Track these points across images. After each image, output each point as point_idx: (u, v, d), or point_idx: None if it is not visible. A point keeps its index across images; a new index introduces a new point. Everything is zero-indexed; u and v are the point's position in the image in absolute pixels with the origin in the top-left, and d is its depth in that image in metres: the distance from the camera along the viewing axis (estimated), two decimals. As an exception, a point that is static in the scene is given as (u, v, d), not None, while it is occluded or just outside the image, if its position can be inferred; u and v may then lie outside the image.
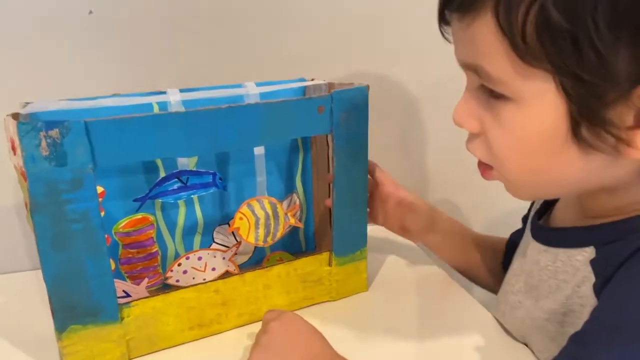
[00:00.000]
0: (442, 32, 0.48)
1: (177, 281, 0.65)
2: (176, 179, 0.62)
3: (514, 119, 0.42)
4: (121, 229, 0.64)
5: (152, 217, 0.65)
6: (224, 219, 0.69)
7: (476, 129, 0.46)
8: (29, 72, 0.72)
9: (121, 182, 0.62)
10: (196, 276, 0.66)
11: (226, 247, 0.68)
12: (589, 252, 0.46)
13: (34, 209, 0.46)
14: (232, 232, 0.71)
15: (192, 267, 0.66)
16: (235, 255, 0.68)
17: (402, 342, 0.57)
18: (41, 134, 0.45)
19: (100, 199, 0.60)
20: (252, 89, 0.63)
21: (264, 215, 0.63)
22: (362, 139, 0.60)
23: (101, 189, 0.62)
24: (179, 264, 0.65)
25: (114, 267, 0.64)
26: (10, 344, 0.58)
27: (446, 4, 0.44)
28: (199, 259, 0.66)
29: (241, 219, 0.63)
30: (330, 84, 0.65)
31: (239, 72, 0.75)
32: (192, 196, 0.63)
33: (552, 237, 0.52)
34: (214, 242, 0.70)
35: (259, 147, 0.64)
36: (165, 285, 0.66)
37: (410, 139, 0.90)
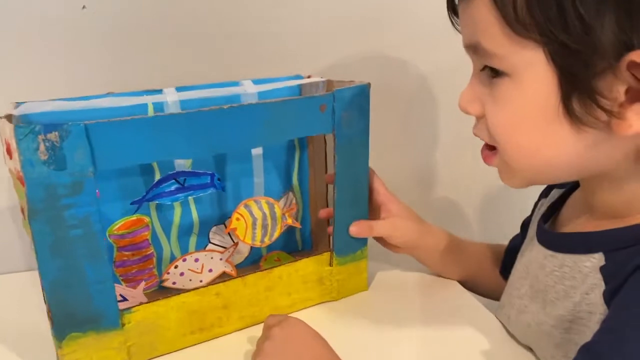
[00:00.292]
0: (452, 22, 0.50)
1: (174, 283, 0.64)
2: (173, 180, 0.61)
3: (509, 93, 0.43)
4: (115, 231, 0.62)
5: (147, 219, 0.64)
6: (220, 219, 0.68)
7: (478, 111, 0.47)
8: (19, 70, 0.69)
9: (115, 184, 0.60)
10: (193, 278, 0.65)
11: (223, 247, 0.67)
12: (598, 259, 0.46)
13: (32, 215, 0.45)
14: (228, 233, 0.70)
15: (189, 269, 0.65)
16: (231, 255, 0.67)
17: (404, 342, 0.57)
18: (40, 137, 0.43)
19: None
20: (249, 87, 0.62)
21: (261, 215, 0.62)
22: (364, 137, 0.59)
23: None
24: (176, 266, 0.64)
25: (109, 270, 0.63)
26: (5, 346, 0.57)
27: None
28: (196, 260, 0.65)
29: (238, 219, 0.62)
30: (328, 82, 0.64)
31: (234, 68, 0.73)
32: (189, 197, 0.62)
33: (558, 242, 0.51)
34: (210, 242, 0.69)
35: (256, 148, 0.63)
36: (161, 287, 0.65)
37: (409, 137, 0.89)
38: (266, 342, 0.50)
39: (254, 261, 0.71)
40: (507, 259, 0.66)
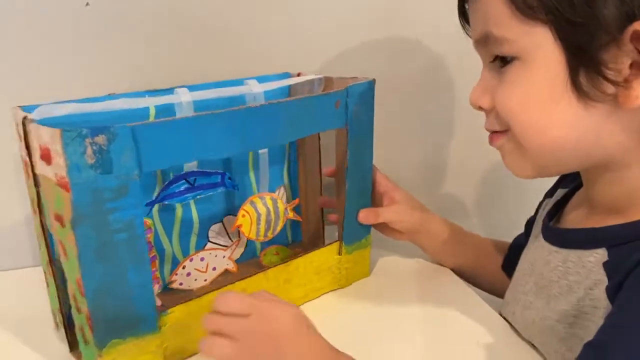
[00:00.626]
0: (462, 26, 0.53)
1: (181, 284, 0.64)
2: (184, 180, 0.60)
3: (519, 75, 0.45)
4: None
5: (149, 221, 0.63)
6: (219, 217, 0.68)
7: (489, 104, 0.49)
8: (21, 69, 0.67)
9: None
10: (198, 277, 0.65)
11: (224, 246, 0.68)
12: (601, 254, 0.47)
13: (77, 221, 0.43)
14: (225, 229, 0.70)
15: (195, 269, 0.64)
16: (233, 252, 0.68)
17: (411, 324, 0.59)
18: (87, 141, 0.42)
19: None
20: (255, 87, 0.63)
21: (265, 211, 0.63)
22: (370, 131, 0.62)
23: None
24: (184, 267, 0.63)
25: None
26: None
27: None
28: (202, 259, 0.65)
29: (244, 216, 0.63)
30: (327, 78, 0.66)
31: (236, 64, 0.73)
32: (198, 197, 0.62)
33: (562, 237, 0.52)
34: (209, 241, 0.69)
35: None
36: (166, 289, 0.64)
37: (407, 132, 0.88)
38: (247, 322, 0.45)
39: (252, 256, 0.72)
40: (510, 254, 0.68)
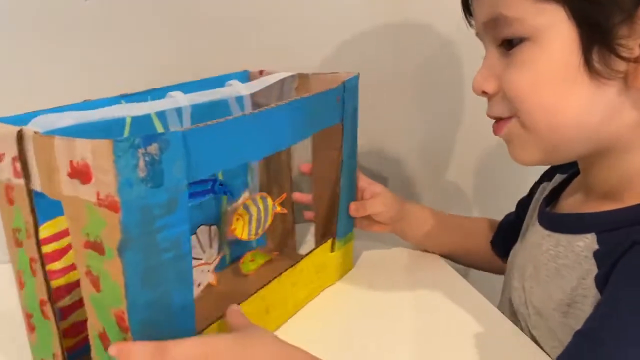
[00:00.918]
0: (464, 13, 0.53)
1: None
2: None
3: (531, 56, 0.45)
4: None
5: None
6: (193, 228, 0.64)
7: (494, 88, 0.49)
8: (17, 69, 0.64)
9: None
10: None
11: (199, 258, 0.64)
12: (590, 239, 0.47)
13: (125, 245, 0.38)
14: (198, 241, 0.65)
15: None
16: (215, 266, 0.64)
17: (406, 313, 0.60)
18: (139, 151, 0.37)
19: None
20: (240, 88, 0.59)
21: (256, 210, 0.61)
22: (356, 124, 0.62)
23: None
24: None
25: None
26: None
27: None
28: (189, 275, 0.60)
29: (237, 219, 0.60)
30: (301, 75, 0.65)
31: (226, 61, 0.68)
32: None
33: (555, 222, 0.53)
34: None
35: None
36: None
37: (407, 124, 0.87)
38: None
39: (227, 265, 0.68)
40: (499, 232, 0.70)
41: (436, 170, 0.90)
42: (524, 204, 0.66)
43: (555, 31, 0.44)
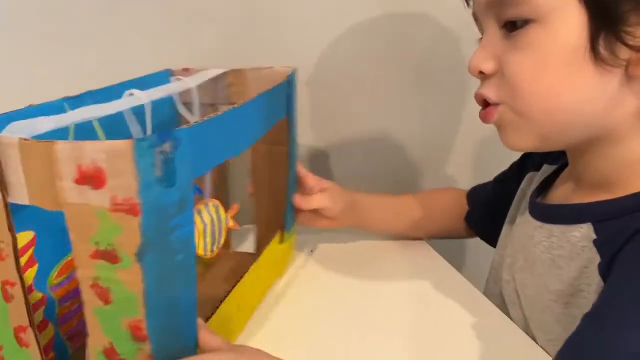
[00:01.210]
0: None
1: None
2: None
3: (539, 39, 0.44)
4: (54, 281, 0.50)
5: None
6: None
7: (493, 68, 0.48)
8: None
9: (51, 219, 0.48)
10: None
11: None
12: (586, 229, 0.47)
13: (145, 249, 0.36)
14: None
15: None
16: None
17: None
18: (156, 150, 0.35)
19: (31, 249, 0.48)
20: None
21: (210, 220, 0.60)
22: (296, 119, 0.64)
23: (31, 235, 0.47)
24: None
25: (53, 332, 0.51)
26: None
27: None
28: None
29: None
30: (235, 71, 0.65)
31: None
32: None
33: (547, 213, 0.53)
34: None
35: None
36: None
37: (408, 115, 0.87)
38: None
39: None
40: (475, 209, 0.70)
41: (436, 161, 0.90)
42: (503, 184, 0.67)
43: (563, 14, 0.43)
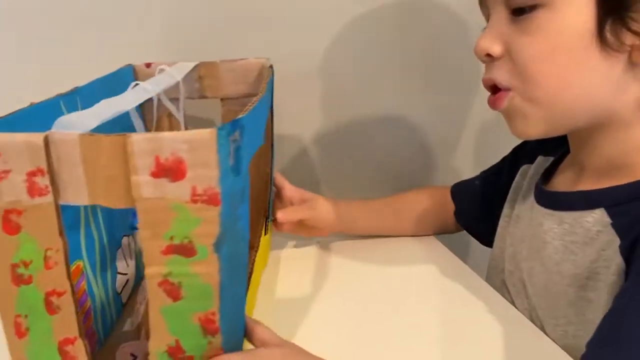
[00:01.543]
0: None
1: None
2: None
3: (547, 24, 0.46)
4: None
5: (81, 263, 0.50)
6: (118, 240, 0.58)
7: (501, 51, 0.49)
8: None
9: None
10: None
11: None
12: (599, 214, 0.48)
13: (223, 239, 0.36)
14: (122, 253, 0.60)
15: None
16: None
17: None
18: (231, 138, 0.35)
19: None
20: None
21: None
22: (270, 113, 0.65)
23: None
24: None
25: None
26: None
27: None
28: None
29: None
30: (206, 63, 0.64)
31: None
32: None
33: (556, 200, 0.53)
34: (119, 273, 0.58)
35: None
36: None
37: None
38: None
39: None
40: (464, 204, 0.72)
41: (444, 151, 0.89)
42: (493, 178, 0.69)
43: (572, 1, 0.45)
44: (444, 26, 0.81)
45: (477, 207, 0.69)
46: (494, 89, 0.51)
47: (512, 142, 0.65)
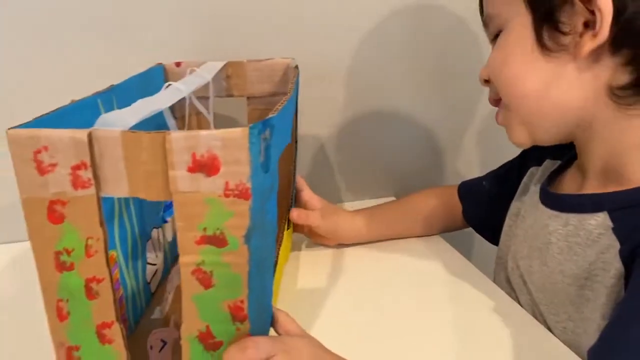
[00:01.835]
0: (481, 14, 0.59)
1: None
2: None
3: (502, 41, 0.54)
4: None
5: (115, 253, 0.52)
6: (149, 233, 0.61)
7: (486, 74, 0.57)
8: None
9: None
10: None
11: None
12: (602, 217, 0.50)
13: (252, 232, 0.38)
14: (152, 245, 0.62)
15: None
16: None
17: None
18: (262, 137, 0.38)
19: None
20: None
21: None
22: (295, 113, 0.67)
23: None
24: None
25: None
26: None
27: None
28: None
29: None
30: (234, 63, 0.66)
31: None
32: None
33: (562, 202, 0.55)
34: (149, 263, 0.61)
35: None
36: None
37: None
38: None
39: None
40: (472, 204, 0.74)
41: (454, 147, 0.92)
42: (502, 179, 0.71)
43: (517, 19, 0.52)
44: (454, 32, 0.84)
45: (486, 208, 0.71)
46: (494, 103, 0.58)
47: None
